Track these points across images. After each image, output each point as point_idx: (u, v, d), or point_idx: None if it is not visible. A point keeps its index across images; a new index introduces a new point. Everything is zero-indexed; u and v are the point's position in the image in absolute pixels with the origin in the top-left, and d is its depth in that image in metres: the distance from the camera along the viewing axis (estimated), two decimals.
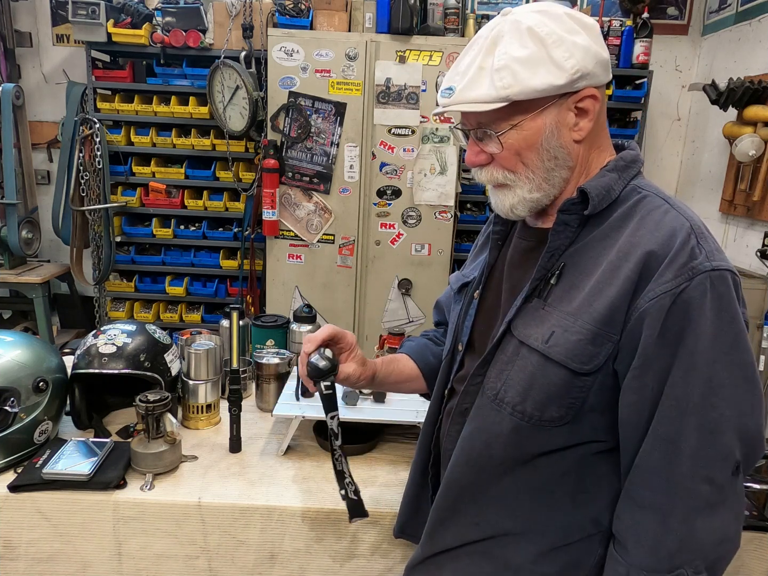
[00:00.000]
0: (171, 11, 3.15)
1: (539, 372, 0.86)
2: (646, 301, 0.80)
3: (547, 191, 0.90)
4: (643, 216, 0.85)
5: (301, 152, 3.12)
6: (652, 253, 0.81)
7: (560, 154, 0.88)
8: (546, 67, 0.82)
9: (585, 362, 0.83)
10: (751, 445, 0.82)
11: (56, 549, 1.29)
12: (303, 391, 1.52)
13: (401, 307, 3.30)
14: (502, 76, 0.82)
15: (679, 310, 0.78)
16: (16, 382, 1.33)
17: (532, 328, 0.88)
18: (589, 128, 0.88)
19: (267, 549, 1.29)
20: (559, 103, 0.85)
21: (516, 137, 0.87)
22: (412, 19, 2.95)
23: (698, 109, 3.58)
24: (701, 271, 0.78)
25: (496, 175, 0.91)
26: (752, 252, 2.82)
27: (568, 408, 0.85)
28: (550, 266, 0.89)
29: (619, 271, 0.82)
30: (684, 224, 0.82)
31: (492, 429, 0.91)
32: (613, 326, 0.82)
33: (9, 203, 3.21)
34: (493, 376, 0.92)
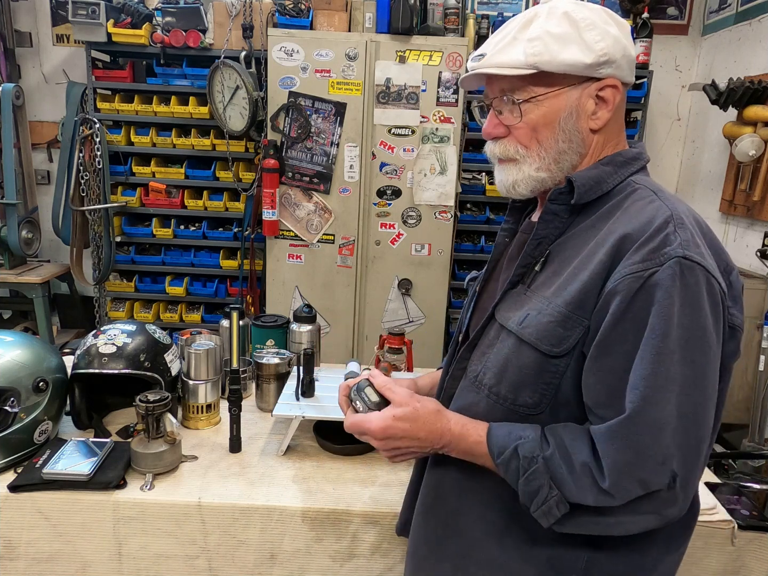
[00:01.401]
0: (171, 11, 3.15)
1: (513, 354, 0.87)
2: (612, 282, 0.79)
3: (554, 173, 0.91)
4: (628, 206, 0.86)
5: (301, 152, 3.12)
6: (625, 236, 0.81)
7: (575, 138, 0.89)
8: (577, 45, 0.85)
9: (554, 344, 0.83)
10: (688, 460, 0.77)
11: (56, 549, 1.29)
12: (303, 390, 1.53)
13: (401, 307, 3.30)
14: (534, 45, 0.85)
15: (646, 293, 0.77)
16: (16, 382, 1.33)
17: (511, 311, 0.90)
18: (607, 119, 0.89)
19: (267, 549, 1.29)
20: (582, 86, 0.87)
21: (536, 111, 0.88)
22: (412, 19, 2.95)
23: (698, 109, 3.58)
24: (672, 256, 0.77)
25: (509, 148, 0.92)
26: (752, 252, 2.82)
27: (541, 395, 0.86)
28: (537, 254, 0.91)
29: (594, 256, 0.83)
30: (665, 212, 0.82)
31: (471, 410, 0.93)
32: (584, 310, 0.82)
33: (9, 203, 3.21)
34: (475, 359, 0.95)
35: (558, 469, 0.81)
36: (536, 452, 0.82)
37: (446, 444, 0.91)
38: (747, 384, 2.70)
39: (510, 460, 0.84)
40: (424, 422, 0.90)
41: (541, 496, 0.82)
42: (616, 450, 0.77)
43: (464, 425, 0.90)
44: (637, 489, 0.77)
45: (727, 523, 1.29)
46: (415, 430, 0.90)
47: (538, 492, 0.82)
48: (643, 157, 0.94)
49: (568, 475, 0.81)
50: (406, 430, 0.90)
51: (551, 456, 0.82)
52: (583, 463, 0.80)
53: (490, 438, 0.87)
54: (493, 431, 0.88)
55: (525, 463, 0.83)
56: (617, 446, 0.77)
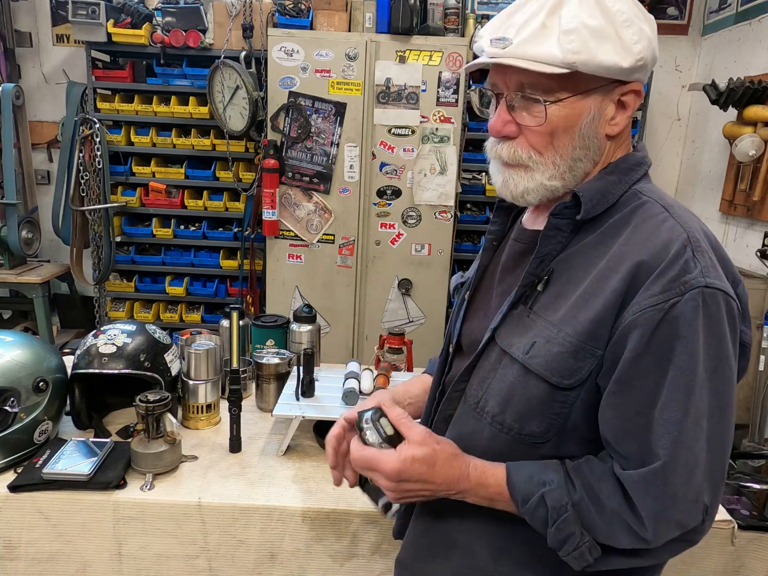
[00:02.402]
0: (171, 11, 3.15)
1: (519, 383, 0.82)
2: (631, 314, 0.74)
3: (567, 182, 0.84)
4: (638, 224, 0.80)
5: (301, 152, 3.12)
6: (641, 264, 0.75)
7: (592, 145, 0.82)
8: (614, 44, 0.76)
9: (565, 376, 0.78)
10: (716, 490, 0.77)
11: (56, 549, 1.29)
12: (303, 390, 1.53)
13: (401, 307, 3.30)
14: (572, 39, 0.75)
15: (669, 327, 0.73)
16: (16, 382, 1.33)
17: (515, 336, 0.84)
18: (625, 125, 0.83)
19: (267, 549, 1.29)
20: (608, 89, 0.80)
21: (557, 114, 0.80)
22: (412, 19, 2.95)
23: (698, 109, 3.58)
24: (694, 286, 0.73)
25: (521, 153, 0.83)
26: (752, 252, 2.82)
27: (549, 424, 0.81)
28: (539, 272, 0.84)
29: (607, 282, 0.77)
30: (681, 235, 0.76)
31: (472, 438, 0.87)
32: (596, 340, 0.77)
33: (9, 203, 3.21)
34: (475, 383, 0.89)
35: (587, 513, 0.78)
36: (564, 500, 0.78)
37: (463, 491, 0.84)
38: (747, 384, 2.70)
39: (536, 509, 0.79)
40: (442, 466, 0.83)
41: (572, 542, 0.78)
42: (653, 499, 0.75)
43: (483, 472, 0.84)
44: (674, 531, 0.76)
45: (727, 523, 1.29)
46: (432, 475, 0.83)
47: (568, 539, 0.78)
48: (647, 161, 0.88)
49: (598, 518, 0.78)
50: (422, 474, 0.82)
51: (580, 501, 0.78)
52: (614, 509, 0.77)
53: (511, 485, 0.81)
54: (513, 477, 0.82)
55: (554, 513, 0.78)
56: (654, 494, 0.75)
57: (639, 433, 0.76)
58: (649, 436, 0.75)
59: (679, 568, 1.30)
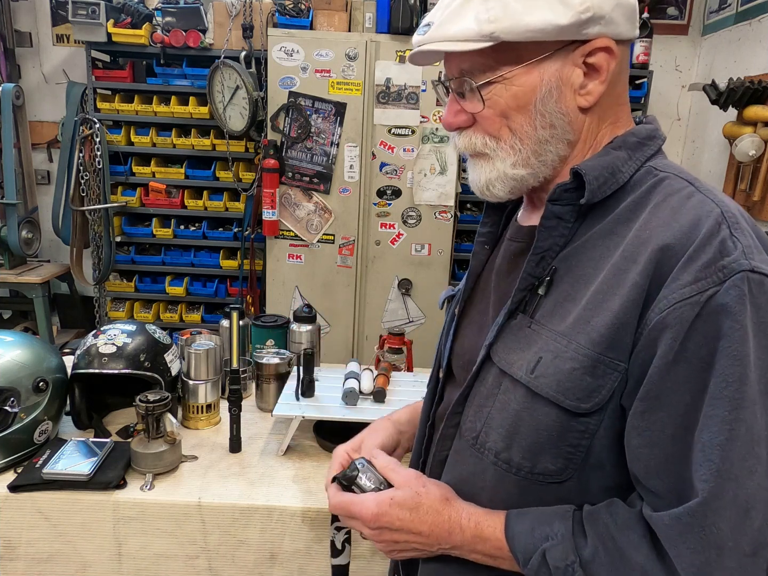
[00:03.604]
0: (171, 11, 3.15)
1: (525, 410, 0.67)
2: (657, 313, 0.60)
3: (536, 169, 0.72)
4: (658, 203, 0.65)
5: (301, 152, 3.12)
6: (666, 248, 0.61)
7: (558, 122, 0.69)
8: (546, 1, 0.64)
9: (582, 399, 0.63)
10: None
11: (56, 549, 1.29)
12: (303, 390, 1.53)
13: (401, 307, 3.30)
14: (489, 7, 0.64)
15: (708, 324, 0.58)
16: (16, 382, 1.33)
17: (515, 353, 0.69)
18: (601, 92, 0.68)
19: (267, 549, 1.29)
20: (563, 54, 0.67)
21: (503, 93, 0.68)
22: (412, 19, 2.95)
23: (698, 109, 3.58)
24: (736, 270, 0.58)
25: (475, 140, 0.73)
26: None
27: (566, 459, 0.66)
28: (539, 273, 0.70)
29: (625, 275, 0.63)
30: (712, 210, 0.62)
31: (474, 481, 0.73)
32: (617, 350, 0.62)
33: (9, 203, 3.21)
34: (471, 414, 0.74)
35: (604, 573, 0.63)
36: (570, 558, 0.64)
37: (456, 546, 0.72)
38: None
39: (539, 570, 0.65)
40: (426, 512, 0.72)
41: None
42: (692, 550, 0.58)
43: (479, 522, 0.71)
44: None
45: None
46: (416, 523, 0.72)
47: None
48: (660, 134, 0.73)
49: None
50: (404, 521, 0.72)
51: (592, 559, 0.63)
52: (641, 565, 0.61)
53: (511, 538, 0.68)
54: (513, 528, 0.68)
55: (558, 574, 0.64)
56: (692, 544, 0.58)
57: (673, 464, 0.61)
58: (686, 467, 0.60)
59: None
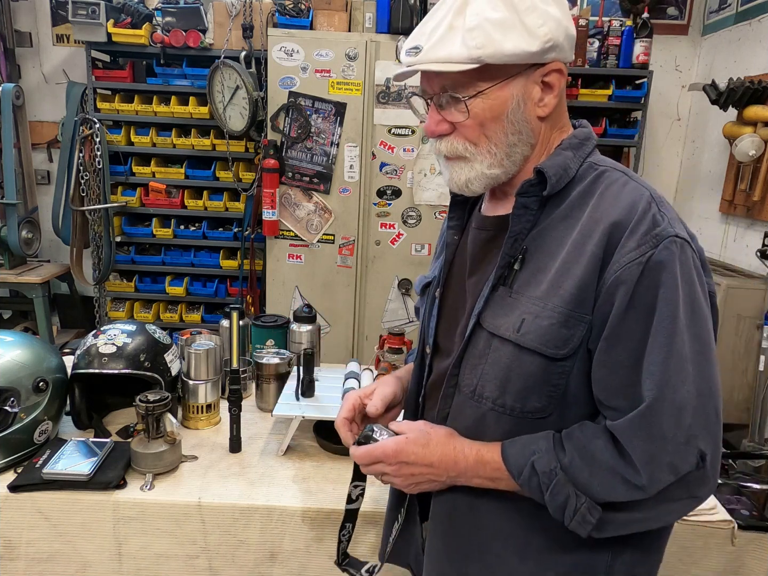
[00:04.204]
0: (171, 11, 3.15)
1: (514, 363, 0.83)
2: (612, 274, 0.77)
3: (507, 168, 0.88)
4: (602, 191, 0.84)
5: (301, 152, 3.12)
6: (614, 224, 0.79)
7: (524, 129, 0.85)
8: (518, 32, 0.80)
9: (560, 346, 0.80)
10: (712, 437, 0.77)
11: (56, 549, 1.29)
12: (303, 390, 1.53)
13: (401, 307, 3.30)
14: (475, 36, 0.79)
15: (650, 277, 0.76)
16: (16, 382, 1.33)
17: (500, 318, 0.85)
18: (554, 105, 0.86)
19: (267, 549, 1.29)
20: (527, 74, 0.83)
21: (482, 106, 0.83)
22: (412, 19, 2.95)
23: (698, 109, 3.58)
24: (665, 236, 0.77)
25: (457, 145, 0.87)
26: (752, 252, 2.82)
27: (549, 397, 0.83)
28: (514, 252, 0.86)
29: (584, 248, 0.80)
30: (644, 194, 0.81)
31: (478, 426, 0.88)
32: (584, 306, 0.79)
33: (9, 203, 3.21)
34: (467, 372, 0.89)
35: (581, 474, 0.79)
36: (553, 464, 0.80)
37: (461, 472, 0.87)
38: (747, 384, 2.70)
39: (530, 478, 0.82)
40: (436, 445, 0.88)
41: (570, 506, 0.79)
42: (642, 441, 0.76)
43: (479, 450, 0.86)
44: (668, 476, 0.76)
45: (727, 523, 1.29)
46: (428, 455, 0.87)
47: (566, 503, 0.80)
48: (592, 136, 0.91)
49: (594, 478, 0.79)
50: (418, 455, 0.87)
51: (570, 464, 0.80)
52: (608, 463, 0.78)
53: (506, 459, 0.84)
54: (507, 452, 0.84)
55: (545, 478, 0.80)
56: (642, 437, 0.76)
57: (629, 386, 0.78)
58: (638, 385, 0.77)
59: (679, 568, 1.30)
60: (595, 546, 0.85)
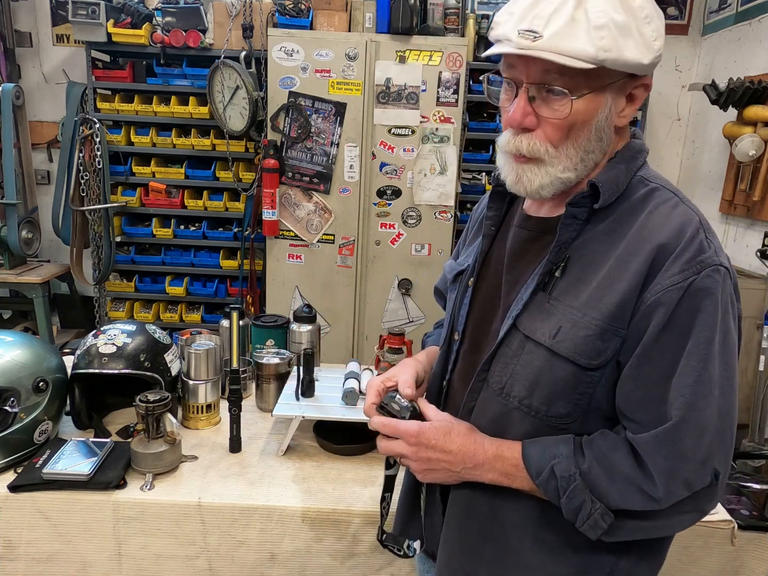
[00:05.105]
0: (171, 11, 3.15)
1: (546, 367, 0.84)
2: (653, 294, 0.78)
3: (580, 172, 0.86)
4: (652, 210, 0.83)
5: (301, 152, 3.12)
6: (661, 246, 0.79)
7: (605, 137, 0.85)
8: (636, 41, 0.77)
9: (593, 357, 0.82)
10: (726, 456, 0.81)
11: (56, 549, 1.29)
12: (303, 390, 1.53)
13: (401, 307, 3.30)
14: (603, 36, 0.75)
15: (690, 302, 0.77)
16: (16, 382, 1.33)
17: (538, 322, 0.86)
18: (632, 117, 0.86)
19: (267, 549, 1.29)
20: (622, 84, 0.82)
21: (577, 108, 0.80)
22: (412, 19, 2.95)
23: (698, 109, 3.58)
24: (710, 264, 0.78)
25: (539, 146, 0.83)
26: (752, 252, 2.82)
27: (575, 404, 0.84)
28: (557, 260, 0.86)
29: (629, 265, 0.80)
30: (693, 218, 0.82)
31: (501, 421, 0.90)
32: (621, 321, 0.80)
33: (9, 203, 3.21)
34: (497, 369, 0.90)
35: (599, 482, 0.81)
36: (572, 470, 0.82)
37: (479, 464, 0.88)
38: (747, 384, 2.70)
39: (548, 481, 0.83)
40: (457, 435, 0.89)
41: (585, 511, 0.81)
42: (664, 458, 0.78)
43: (499, 446, 0.88)
44: (682, 491, 0.79)
45: (727, 523, 1.29)
46: (448, 443, 0.89)
47: (581, 508, 0.82)
48: (646, 148, 0.91)
49: (611, 486, 0.81)
50: (438, 440, 0.89)
51: (589, 470, 0.82)
52: (626, 473, 0.80)
53: (526, 459, 0.85)
54: (527, 451, 0.86)
55: (563, 483, 0.82)
56: (665, 454, 0.78)
57: (655, 402, 0.80)
58: (664, 402, 0.79)
59: (679, 568, 1.30)
60: (601, 547, 0.87)
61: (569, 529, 0.85)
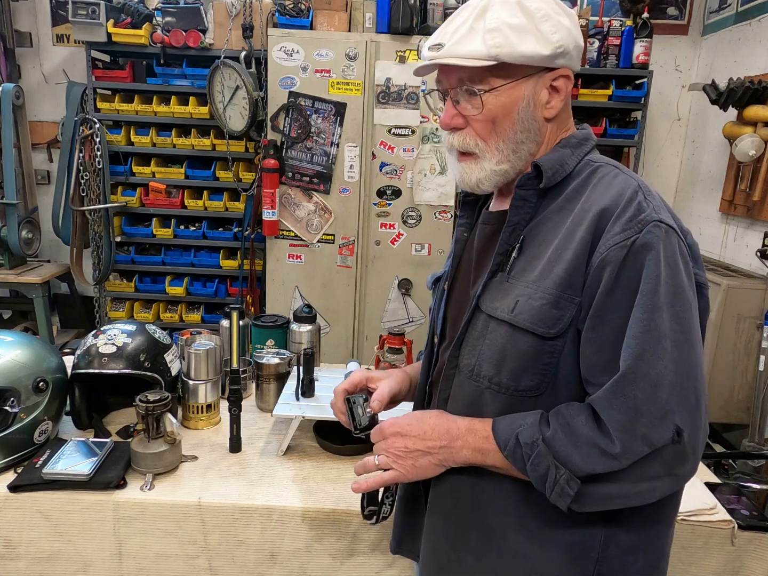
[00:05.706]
0: (171, 11, 3.15)
1: (509, 342, 0.88)
2: (598, 256, 0.82)
3: (514, 163, 0.93)
4: (595, 184, 0.89)
5: (301, 152, 3.12)
6: (602, 211, 0.84)
7: (532, 128, 0.92)
8: (534, 36, 0.87)
9: (550, 326, 0.85)
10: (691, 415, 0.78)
11: (56, 549, 1.29)
12: (303, 390, 1.53)
13: (401, 307, 3.30)
14: (494, 36, 0.87)
15: (634, 259, 0.80)
16: (16, 382, 1.33)
17: (497, 300, 0.91)
18: (560, 107, 0.93)
19: (267, 549, 1.29)
20: (538, 77, 0.90)
21: (494, 102, 0.90)
22: (412, 19, 2.95)
23: (698, 109, 3.58)
24: (648, 221, 0.81)
25: (469, 141, 0.94)
26: (752, 252, 2.82)
27: (541, 375, 0.87)
28: (512, 241, 0.92)
29: (575, 234, 0.85)
30: (632, 183, 0.86)
31: (475, 403, 0.93)
32: (573, 288, 0.84)
33: (9, 203, 3.21)
34: (466, 353, 0.94)
35: (561, 447, 0.82)
36: (535, 436, 0.84)
37: (454, 438, 0.91)
38: (747, 384, 2.70)
39: (515, 450, 0.85)
40: (429, 417, 0.94)
41: (551, 478, 0.82)
42: (616, 410, 0.79)
43: (471, 421, 0.91)
44: (641, 446, 0.78)
45: (727, 523, 1.29)
46: (421, 424, 0.93)
47: (546, 475, 0.83)
48: (592, 137, 0.97)
49: (573, 450, 0.82)
50: (412, 425, 0.93)
51: (552, 436, 0.83)
52: (587, 435, 0.81)
53: (495, 432, 0.88)
54: (497, 425, 0.89)
55: (527, 449, 0.84)
56: (617, 406, 0.79)
57: (612, 362, 0.81)
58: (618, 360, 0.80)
59: (679, 568, 1.30)
60: (588, 533, 0.88)
61: (553, 513, 0.86)
